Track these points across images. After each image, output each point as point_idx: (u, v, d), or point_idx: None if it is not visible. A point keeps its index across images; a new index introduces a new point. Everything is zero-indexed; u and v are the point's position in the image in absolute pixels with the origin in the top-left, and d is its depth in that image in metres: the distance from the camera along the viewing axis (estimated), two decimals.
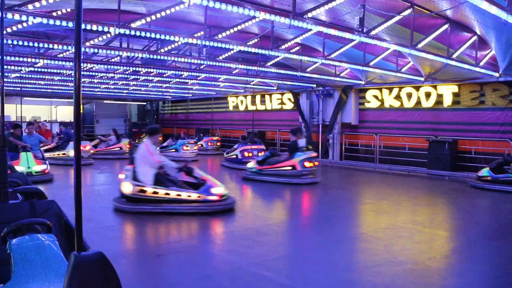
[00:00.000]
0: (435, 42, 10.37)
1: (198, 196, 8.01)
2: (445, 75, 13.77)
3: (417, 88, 15.86)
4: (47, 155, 14.82)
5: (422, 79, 14.37)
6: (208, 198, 8.06)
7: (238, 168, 14.85)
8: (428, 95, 15.60)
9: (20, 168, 10.88)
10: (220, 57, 12.30)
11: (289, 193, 10.87)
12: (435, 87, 15.30)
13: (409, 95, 16.19)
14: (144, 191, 7.84)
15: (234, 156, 16.07)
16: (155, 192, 7.81)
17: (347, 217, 8.36)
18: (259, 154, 15.37)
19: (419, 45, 9.68)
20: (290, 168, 12.22)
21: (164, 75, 16.68)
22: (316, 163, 12.99)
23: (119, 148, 19.12)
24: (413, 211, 8.86)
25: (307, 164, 12.21)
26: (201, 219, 7.61)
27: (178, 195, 7.90)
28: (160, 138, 9.02)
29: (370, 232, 7.05)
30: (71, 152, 15.28)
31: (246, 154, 15.77)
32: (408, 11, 8.53)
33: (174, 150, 18.84)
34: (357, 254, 5.93)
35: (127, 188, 7.89)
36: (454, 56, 10.73)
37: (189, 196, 7.96)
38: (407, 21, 8.99)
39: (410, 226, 7.31)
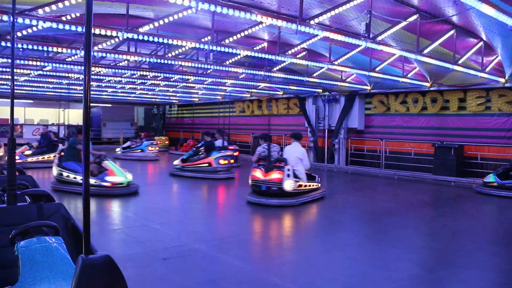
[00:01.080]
0: (441, 48, 10.38)
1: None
2: (451, 81, 13.76)
3: (423, 94, 15.85)
4: (29, 160, 15.02)
5: (428, 84, 14.36)
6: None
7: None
8: (434, 100, 15.59)
9: (118, 179, 10.31)
10: (227, 62, 12.36)
11: None
12: (441, 92, 15.29)
13: (415, 101, 16.18)
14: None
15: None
16: None
17: (352, 222, 8.37)
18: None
19: (425, 51, 9.70)
20: (207, 165, 14.02)
21: (171, 79, 16.73)
22: (232, 160, 14.75)
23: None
24: (419, 216, 8.85)
25: (221, 161, 14.01)
26: (208, 223, 7.63)
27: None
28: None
29: (376, 238, 7.05)
30: None
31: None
32: (414, 17, 8.55)
33: (140, 150, 20.49)
34: (364, 260, 5.93)
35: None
36: (460, 62, 10.73)
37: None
38: (413, 26, 9.01)
39: (416, 232, 7.31)
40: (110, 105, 30.63)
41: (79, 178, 10.20)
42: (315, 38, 9.85)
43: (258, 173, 9.67)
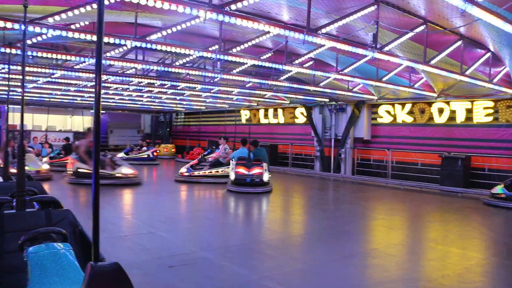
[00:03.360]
0: (448, 59, 10.39)
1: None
2: (458, 91, 13.74)
3: (430, 104, 15.83)
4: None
5: (435, 95, 14.34)
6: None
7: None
8: (441, 111, 15.56)
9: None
10: (234, 71, 12.42)
11: (301, 206, 10.86)
12: (448, 103, 15.27)
13: (422, 111, 16.16)
14: None
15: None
16: None
17: (358, 232, 8.33)
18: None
19: (432, 62, 9.70)
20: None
21: (178, 88, 16.82)
22: None
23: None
24: (426, 228, 8.82)
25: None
26: (215, 231, 7.63)
27: None
28: None
29: (382, 248, 7.03)
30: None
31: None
32: (421, 27, 8.57)
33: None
34: (369, 270, 5.91)
35: None
36: (467, 72, 10.73)
37: None
38: (420, 37, 9.03)
39: (423, 243, 7.28)
40: (117, 112, 30.79)
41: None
42: (322, 48, 9.88)
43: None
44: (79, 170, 13.09)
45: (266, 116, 23.50)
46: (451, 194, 13.48)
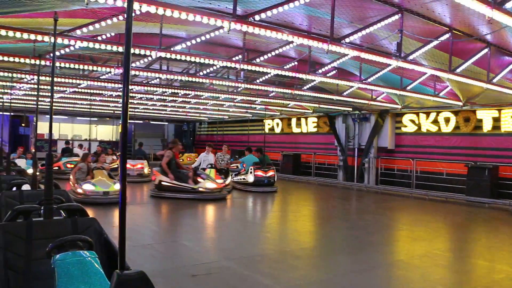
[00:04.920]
0: (474, 67, 10.22)
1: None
2: (485, 100, 13.49)
3: (456, 113, 15.60)
4: None
5: (461, 103, 14.13)
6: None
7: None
8: (466, 119, 15.32)
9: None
10: (257, 80, 12.47)
11: (325, 216, 10.80)
12: (474, 112, 15.02)
13: (447, 120, 15.93)
14: None
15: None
16: None
17: (383, 243, 8.23)
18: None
19: (458, 70, 9.57)
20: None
21: (202, 97, 16.97)
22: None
23: None
24: (451, 239, 8.66)
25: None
26: (238, 239, 7.64)
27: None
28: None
29: (406, 259, 6.93)
30: None
31: None
32: (446, 35, 8.47)
33: None
34: (393, 282, 5.83)
35: None
36: (494, 80, 10.54)
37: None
38: (445, 45, 8.92)
39: (448, 255, 7.15)
40: (141, 122, 31.18)
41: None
42: (345, 57, 9.85)
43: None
44: (162, 183, 12.56)
45: (289, 125, 23.49)
46: (478, 205, 13.19)
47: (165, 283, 5.17)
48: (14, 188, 5.48)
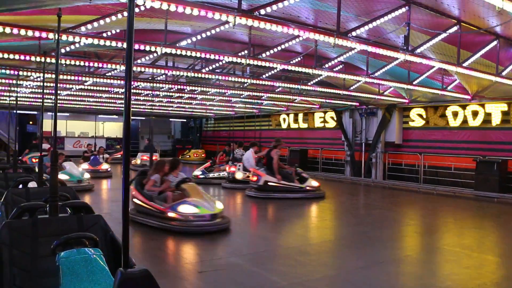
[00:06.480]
0: (483, 59, 10.10)
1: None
2: (494, 93, 13.35)
3: (464, 107, 15.46)
4: None
5: (469, 97, 14.00)
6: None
7: None
8: (475, 113, 15.18)
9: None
10: (263, 76, 12.41)
11: (332, 212, 10.76)
12: (482, 105, 14.88)
13: (455, 114, 15.80)
14: None
15: None
16: None
17: (391, 238, 8.16)
18: None
19: (466, 63, 9.46)
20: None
21: (208, 93, 16.93)
22: None
23: None
24: (460, 234, 8.57)
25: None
26: (245, 236, 7.62)
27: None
28: None
29: (415, 255, 6.87)
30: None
31: None
32: (455, 28, 8.36)
33: None
34: (402, 277, 5.78)
35: None
36: (503, 73, 10.41)
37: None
38: (453, 38, 8.82)
39: (457, 250, 7.07)
40: (147, 118, 31.23)
41: None
42: (352, 51, 9.77)
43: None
44: (268, 183, 12.30)
45: (296, 120, 23.42)
46: (487, 200, 13.07)
47: (171, 280, 5.15)
48: (21, 186, 5.48)
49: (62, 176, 11.78)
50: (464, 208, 11.89)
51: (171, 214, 7.72)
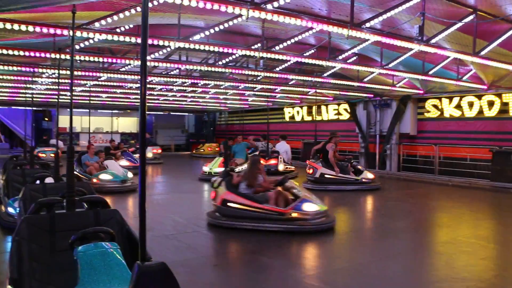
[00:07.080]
0: (500, 48, 9.95)
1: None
2: (511, 83, 13.17)
3: (479, 97, 15.27)
4: None
5: (485, 87, 13.82)
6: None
7: None
8: (491, 103, 14.99)
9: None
10: (277, 69, 12.39)
11: (346, 203, 10.74)
12: (499, 95, 14.68)
13: (471, 104, 15.62)
14: None
15: None
16: None
17: (406, 230, 8.12)
18: None
19: (482, 52, 9.33)
20: None
21: (221, 87, 16.96)
22: None
23: None
24: (476, 225, 8.50)
25: None
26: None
27: None
28: None
29: (430, 246, 6.84)
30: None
31: None
32: (471, 17, 8.25)
33: None
34: (418, 269, 5.75)
35: None
36: None
37: None
38: (469, 27, 8.69)
39: (473, 241, 7.02)
40: (162, 113, 31.40)
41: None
42: (366, 43, 9.70)
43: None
44: (325, 175, 12.50)
45: (309, 113, 23.34)
46: (503, 190, 12.92)
47: (187, 273, 5.19)
48: (38, 182, 5.56)
49: (104, 177, 11.63)
50: (480, 199, 11.78)
51: (294, 214, 7.28)
